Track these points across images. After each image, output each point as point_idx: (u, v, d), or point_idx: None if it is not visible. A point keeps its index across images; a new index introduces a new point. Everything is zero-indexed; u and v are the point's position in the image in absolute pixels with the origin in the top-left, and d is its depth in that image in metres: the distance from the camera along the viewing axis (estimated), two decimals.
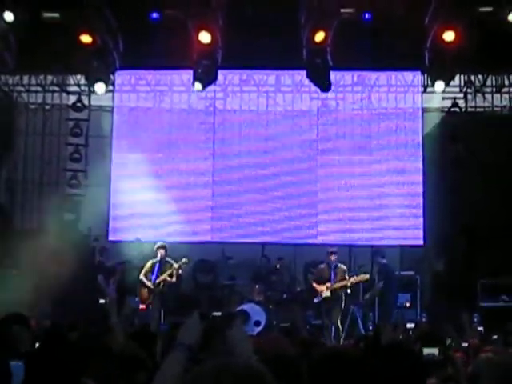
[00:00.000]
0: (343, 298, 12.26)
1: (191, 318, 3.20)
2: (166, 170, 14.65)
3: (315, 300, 12.34)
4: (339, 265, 12.44)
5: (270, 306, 12.70)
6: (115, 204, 14.61)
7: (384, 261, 12.96)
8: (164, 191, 14.47)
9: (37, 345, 4.93)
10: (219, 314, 3.06)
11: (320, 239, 14.30)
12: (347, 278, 12.12)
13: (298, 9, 12.49)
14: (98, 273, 13.07)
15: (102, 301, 12.62)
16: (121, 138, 14.72)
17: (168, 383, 2.66)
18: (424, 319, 12.65)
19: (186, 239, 14.05)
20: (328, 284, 12.25)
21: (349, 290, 12.21)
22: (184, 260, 12.38)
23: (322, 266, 12.54)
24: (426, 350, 3.18)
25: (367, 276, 12.27)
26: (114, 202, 14.61)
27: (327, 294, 12.24)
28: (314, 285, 12.42)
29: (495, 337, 9.23)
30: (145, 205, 14.35)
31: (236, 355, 3.07)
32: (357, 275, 12.30)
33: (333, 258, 12.41)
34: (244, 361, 2.32)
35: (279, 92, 14.81)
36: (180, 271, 12.43)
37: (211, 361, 2.18)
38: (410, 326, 10.50)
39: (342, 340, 11.55)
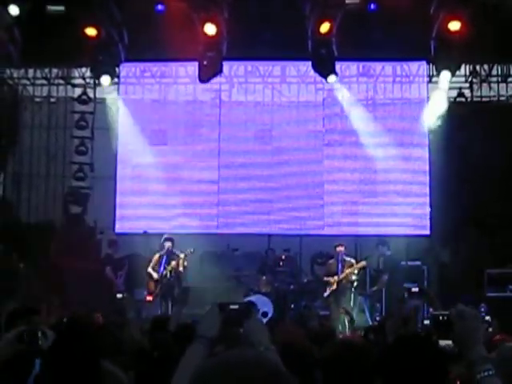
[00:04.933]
0: (350, 289, 12.42)
1: (210, 309, 3.24)
2: (172, 162, 14.68)
3: (325, 294, 12.53)
4: (347, 258, 12.58)
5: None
6: (121, 196, 14.66)
7: (389, 252, 13.10)
8: (170, 183, 14.51)
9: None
10: (236, 306, 3.10)
11: (326, 230, 14.36)
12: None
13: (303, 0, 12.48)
14: (106, 265, 13.13)
15: (118, 295, 12.71)
16: (126, 131, 14.71)
17: (189, 376, 2.69)
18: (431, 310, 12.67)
19: (193, 231, 14.09)
20: (335, 277, 12.47)
21: (353, 277, 12.38)
22: (190, 250, 12.42)
23: (331, 261, 12.73)
24: (442, 342, 3.20)
25: (364, 263, 12.45)
26: (120, 194, 14.66)
27: (334, 286, 12.47)
28: (325, 279, 12.63)
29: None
30: (151, 197, 14.41)
31: (255, 346, 3.12)
32: (356, 263, 12.48)
33: (339, 249, 12.57)
34: (258, 354, 2.33)
35: (284, 83, 14.82)
36: (186, 262, 12.48)
37: (226, 353, 2.22)
38: (426, 322, 10.43)
39: (348, 331, 11.63)
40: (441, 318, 3.07)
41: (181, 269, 12.43)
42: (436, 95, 13.90)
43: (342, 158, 14.56)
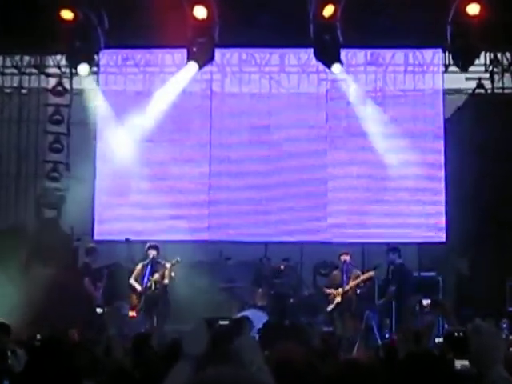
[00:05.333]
0: (356, 302, 12.57)
1: (197, 325, 3.23)
2: (158, 161, 14.74)
3: (328, 308, 12.63)
4: (353, 269, 12.71)
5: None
6: (101, 199, 14.69)
7: (399, 260, 13.10)
8: (156, 184, 14.57)
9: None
10: (226, 321, 3.09)
11: (330, 236, 14.40)
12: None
13: None
14: (83, 276, 13.13)
15: (98, 310, 12.71)
16: (106, 126, 14.75)
17: None
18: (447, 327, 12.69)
19: (181, 238, 14.14)
20: (339, 290, 12.59)
21: (360, 289, 12.48)
22: (176, 259, 12.43)
23: (335, 271, 12.85)
24: (457, 362, 3.20)
25: (372, 273, 12.52)
26: (99, 197, 14.69)
27: (338, 299, 12.58)
28: (327, 291, 12.71)
29: None
30: (134, 200, 14.50)
31: (246, 365, 3.10)
32: (363, 273, 12.52)
33: (344, 258, 12.65)
34: (249, 375, 2.30)
35: (283, 73, 14.85)
36: (173, 273, 12.51)
37: (213, 373, 2.23)
38: (437, 340, 10.43)
39: (355, 349, 11.63)
40: (456, 334, 3.08)
41: (166, 280, 12.46)
42: (452, 86, 13.97)
43: (347, 155, 14.61)
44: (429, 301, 12.51)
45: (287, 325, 10.79)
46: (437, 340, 10.48)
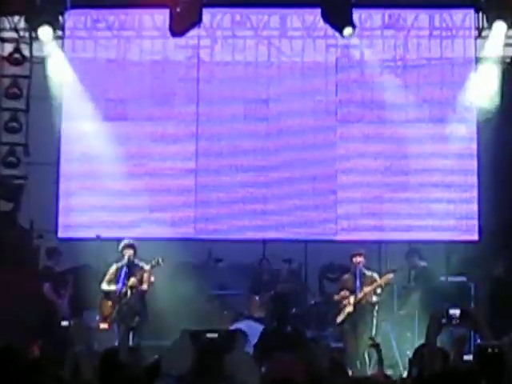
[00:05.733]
0: (371, 312, 12.52)
1: (179, 339, 3.24)
2: (135, 141, 14.75)
3: (338, 320, 12.63)
4: (368, 272, 12.70)
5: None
6: (67, 189, 14.70)
7: (423, 263, 13.27)
8: (132, 171, 14.63)
9: None
10: (215, 334, 3.11)
11: (340, 235, 14.45)
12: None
13: None
14: (44, 281, 13.10)
15: (64, 323, 12.71)
16: (73, 101, 14.68)
17: None
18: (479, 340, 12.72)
19: (162, 235, 14.20)
20: (352, 297, 12.57)
21: (376, 297, 12.49)
22: (157, 260, 12.42)
23: (346, 275, 12.84)
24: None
25: (390, 277, 12.54)
26: (64, 185, 14.70)
27: (350, 309, 12.57)
28: (336, 298, 12.75)
29: None
30: (107, 189, 14.53)
31: None
32: (380, 278, 12.54)
33: (357, 260, 12.68)
34: None
35: (285, 38, 14.84)
36: (152, 277, 12.52)
37: None
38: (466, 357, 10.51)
39: (370, 368, 11.71)
40: (490, 350, 3.07)
41: (145, 286, 12.46)
42: (487, 53, 13.94)
43: (361, 139, 14.62)
44: (458, 311, 12.44)
45: (289, 332, 10.77)
46: (466, 357, 10.42)
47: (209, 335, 8.58)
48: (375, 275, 12.71)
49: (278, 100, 14.74)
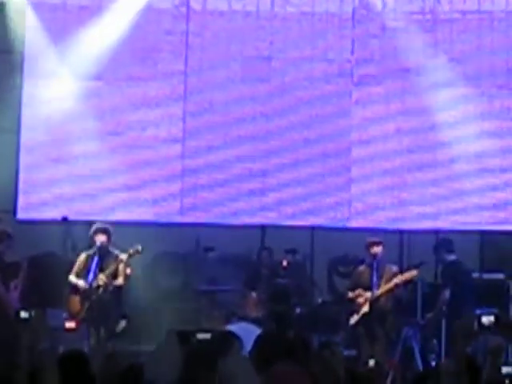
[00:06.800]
0: (391, 313, 12.56)
1: (166, 341, 2.95)
2: (110, 107, 14.72)
3: (352, 321, 12.55)
4: (387, 266, 12.67)
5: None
6: (28, 161, 14.65)
7: (452, 257, 13.11)
8: (106, 142, 14.62)
9: None
10: (207, 335, 2.85)
11: (354, 221, 14.51)
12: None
13: None
14: None
15: (24, 314, 12.45)
16: (38, 56, 14.64)
17: None
18: None
19: (142, 218, 14.29)
20: (368, 294, 12.48)
21: (397, 295, 12.54)
22: (135, 248, 12.36)
23: (361, 267, 12.85)
24: None
25: (414, 272, 12.53)
26: (25, 157, 14.64)
27: (365, 309, 12.50)
28: (349, 296, 12.71)
29: None
30: (76, 163, 14.52)
31: None
32: (401, 273, 12.55)
33: (375, 250, 12.58)
34: None
35: None
36: (129, 269, 12.48)
37: None
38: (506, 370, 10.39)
39: (389, 380, 11.52)
40: None
41: (120, 279, 12.46)
42: None
43: (380, 106, 14.63)
44: (492, 317, 12.29)
45: (291, 338, 10.60)
46: (505, 370, 10.09)
47: (200, 336, 8.38)
48: (395, 268, 12.72)
49: (283, 58, 14.78)
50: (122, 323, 12.25)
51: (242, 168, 14.58)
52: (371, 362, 11.38)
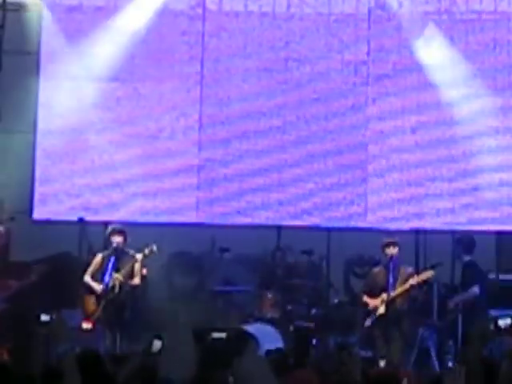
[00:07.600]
0: (407, 315, 12.51)
1: (181, 340, 2.91)
2: (126, 108, 14.75)
3: (367, 323, 12.50)
4: (403, 268, 12.61)
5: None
6: (44, 162, 14.67)
7: (468, 257, 13.03)
8: (123, 143, 14.66)
9: None
10: (223, 334, 2.80)
11: (370, 221, 14.52)
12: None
13: None
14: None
15: (44, 317, 12.66)
16: (54, 57, 14.69)
17: None
18: None
19: (158, 219, 14.28)
20: (384, 295, 12.44)
21: (413, 296, 12.50)
22: (151, 248, 12.37)
23: (377, 268, 12.83)
24: None
25: (430, 274, 12.46)
26: (41, 159, 14.66)
27: (381, 310, 12.47)
28: (365, 297, 12.67)
29: None
30: (92, 164, 14.57)
31: None
32: (418, 274, 12.47)
33: (391, 251, 12.52)
34: None
35: None
36: (145, 269, 12.50)
37: None
38: None
39: (404, 382, 11.43)
40: None
41: (136, 279, 12.48)
42: None
43: (396, 105, 14.60)
44: (509, 319, 12.49)
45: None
46: None
47: (215, 335, 8.39)
48: (411, 270, 12.66)
49: (299, 59, 14.78)
50: (158, 344, 12.13)
51: (258, 170, 14.58)
52: (382, 363, 11.47)
